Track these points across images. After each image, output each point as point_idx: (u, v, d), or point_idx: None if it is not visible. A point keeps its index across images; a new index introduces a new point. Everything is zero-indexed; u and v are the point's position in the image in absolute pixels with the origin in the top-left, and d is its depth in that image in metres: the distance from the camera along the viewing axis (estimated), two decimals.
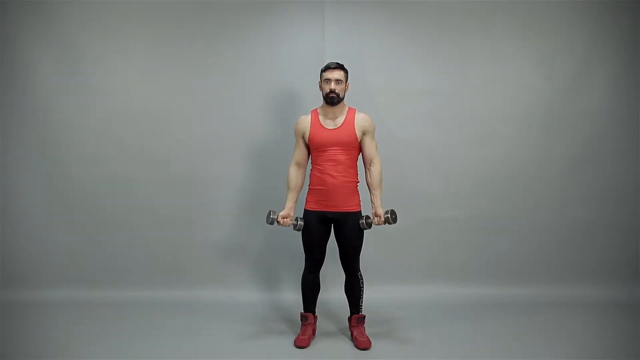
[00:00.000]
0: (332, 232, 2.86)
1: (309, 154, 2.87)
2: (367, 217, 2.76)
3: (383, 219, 2.69)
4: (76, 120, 3.51)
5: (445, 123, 3.58)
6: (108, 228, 3.58)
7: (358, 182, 2.83)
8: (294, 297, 3.36)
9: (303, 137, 2.83)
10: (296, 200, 2.85)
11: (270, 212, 2.76)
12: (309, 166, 2.88)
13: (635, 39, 3.52)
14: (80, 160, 3.54)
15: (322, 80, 2.77)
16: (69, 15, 3.43)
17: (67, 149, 3.53)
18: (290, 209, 2.82)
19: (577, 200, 3.64)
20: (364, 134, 2.78)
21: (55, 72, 3.46)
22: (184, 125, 3.54)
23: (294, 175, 2.87)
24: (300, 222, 2.77)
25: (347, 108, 2.81)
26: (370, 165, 2.81)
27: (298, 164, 2.88)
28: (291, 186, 2.85)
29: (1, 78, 3.46)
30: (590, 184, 3.63)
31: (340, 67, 2.76)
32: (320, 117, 2.80)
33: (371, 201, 2.78)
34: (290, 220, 2.77)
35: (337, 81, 2.72)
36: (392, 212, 2.68)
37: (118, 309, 3.35)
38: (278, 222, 2.75)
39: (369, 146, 2.80)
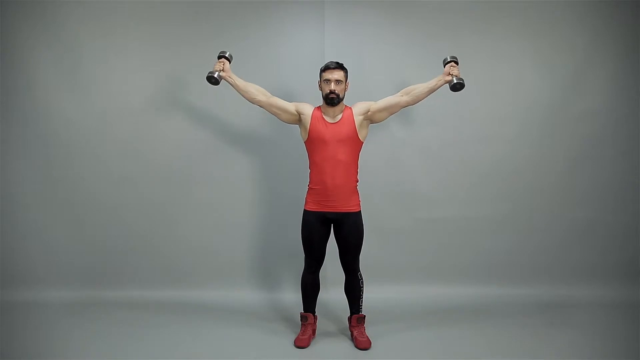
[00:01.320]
0: (332, 232, 2.87)
1: (275, 111, 2.89)
2: (449, 86, 2.81)
3: (449, 67, 2.84)
4: (76, 119, 3.50)
5: (445, 123, 3.58)
6: (108, 228, 3.58)
7: (357, 181, 2.83)
8: (294, 297, 3.36)
9: (298, 114, 2.84)
10: (235, 85, 2.87)
11: (229, 52, 2.90)
12: (307, 165, 2.87)
13: (635, 39, 3.52)
14: (80, 160, 3.54)
15: (322, 80, 2.77)
16: (69, 15, 3.43)
17: (67, 149, 3.53)
18: (230, 75, 2.85)
19: (577, 200, 3.63)
20: (367, 111, 2.80)
21: (55, 71, 3.46)
22: (184, 125, 3.54)
23: (259, 89, 2.89)
24: (217, 77, 2.80)
25: (344, 106, 2.82)
26: (405, 97, 2.86)
27: (267, 96, 2.89)
28: (248, 83, 2.88)
29: (1, 78, 3.46)
30: (590, 184, 3.62)
31: (340, 67, 2.76)
32: (322, 113, 2.80)
33: (436, 88, 2.87)
34: (219, 70, 2.82)
35: (337, 81, 2.72)
36: (445, 59, 2.88)
37: (118, 309, 3.35)
38: (223, 57, 2.87)
39: (385, 101, 2.85)
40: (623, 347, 2.85)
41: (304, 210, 2.84)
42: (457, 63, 2.85)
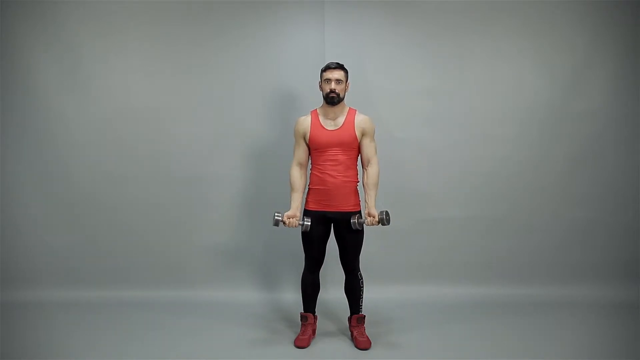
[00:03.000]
0: (332, 232, 2.86)
1: (309, 153, 2.87)
2: (359, 216, 2.75)
3: (377, 219, 2.69)
4: (76, 120, 3.51)
5: (445, 123, 3.58)
6: (108, 228, 3.59)
7: (358, 182, 2.83)
8: (294, 297, 3.36)
9: (304, 138, 2.83)
10: (301, 201, 2.84)
11: (275, 213, 2.72)
12: (309, 166, 2.88)
13: (635, 39, 3.52)
14: (80, 160, 3.54)
15: (322, 80, 2.77)
16: (69, 15, 3.43)
17: (67, 149, 3.53)
18: (296, 209, 2.80)
19: (577, 200, 3.63)
20: (363, 135, 2.78)
21: (55, 72, 3.46)
22: (184, 125, 3.54)
23: (297, 175, 2.86)
24: (307, 222, 2.74)
25: (348, 108, 2.81)
26: (367, 166, 2.81)
27: (300, 165, 2.87)
28: (295, 187, 2.84)
29: (1, 78, 3.46)
30: (590, 184, 3.62)
31: (340, 67, 2.76)
32: (321, 118, 2.80)
33: (365, 201, 2.77)
34: (297, 220, 2.76)
35: (337, 81, 2.72)
36: (387, 213, 2.69)
37: (118, 309, 3.35)
38: (284, 222, 2.73)
39: (367, 147, 2.80)
40: (623, 347, 2.85)
41: (304, 209, 2.84)
42: (383, 225, 2.71)
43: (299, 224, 2.74)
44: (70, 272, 3.59)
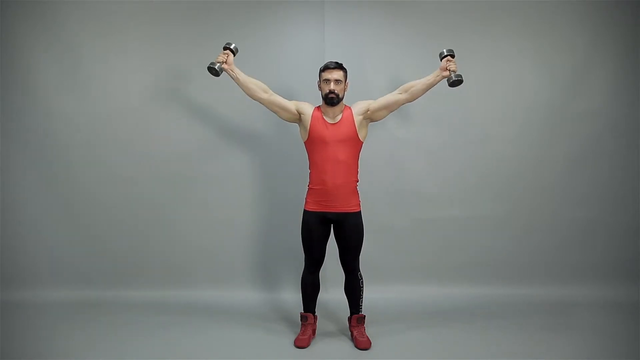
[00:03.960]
0: (332, 232, 2.86)
1: (276, 108, 2.88)
2: (447, 82, 2.74)
3: (446, 61, 2.75)
4: (76, 120, 3.50)
5: (445, 123, 3.57)
6: (108, 228, 3.58)
7: (357, 182, 2.83)
8: (294, 297, 3.36)
9: (298, 113, 2.83)
10: (236, 79, 2.85)
11: (234, 44, 2.87)
12: (307, 165, 2.87)
13: (635, 39, 3.52)
14: (80, 160, 3.54)
15: (321, 80, 2.77)
16: (69, 15, 3.43)
17: (67, 149, 3.53)
18: (233, 69, 2.83)
19: (577, 200, 3.63)
20: (366, 111, 2.79)
21: (55, 72, 3.46)
22: (184, 125, 3.54)
23: (260, 85, 2.88)
24: (218, 69, 2.77)
25: (344, 106, 2.82)
26: (404, 94, 2.82)
27: (269, 93, 2.87)
28: (250, 79, 2.86)
29: (1, 78, 3.46)
30: (590, 184, 3.62)
31: (339, 66, 2.76)
32: (322, 114, 2.80)
33: (434, 83, 2.79)
34: (222, 63, 2.79)
35: (337, 81, 2.72)
36: (441, 52, 2.79)
37: (118, 309, 3.35)
38: (228, 50, 2.84)
39: (385, 99, 2.82)
40: (623, 347, 2.85)
41: (304, 210, 2.84)
42: (453, 56, 2.79)
43: (219, 63, 2.78)
44: (70, 272, 3.59)
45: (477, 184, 3.61)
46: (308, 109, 2.82)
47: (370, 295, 3.12)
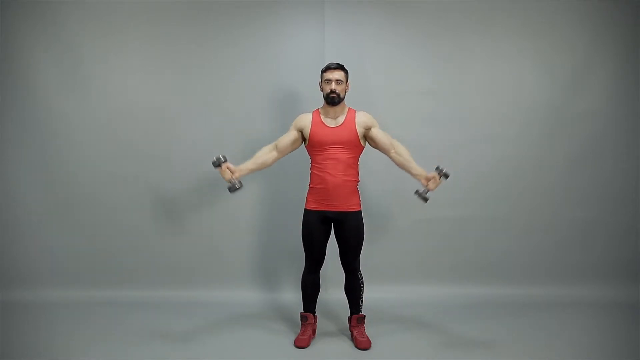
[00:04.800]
0: (332, 231, 2.86)
1: (291, 149, 2.85)
2: (417, 190, 2.71)
3: (437, 176, 2.66)
4: (76, 120, 3.50)
5: (445, 123, 3.58)
6: (108, 228, 3.58)
7: (358, 181, 2.83)
8: (294, 297, 3.36)
9: (300, 131, 2.82)
10: (251, 171, 2.78)
11: (221, 155, 2.68)
12: (309, 165, 2.87)
13: (635, 39, 3.52)
14: (80, 160, 3.54)
15: (323, 80, 2.77)
16: (69, 15, 3.43)
17: (67, 149, 3.53)
18: (241, 170, 2.72)
19: (577, 200, 3.63)
20: (368, 129, 2.78)
21: (55, 72, 3.46)
22: (184, 125, 3.54)
23: (266, 152, 2.82)
24: (238, 186, 2.66)
25: (348, 108, 2.82)
26: (392, 149, 2.79)
27: (276, 148, 2.83)
28: (255, 158, 2.79)
29: (1, 78, 3.46)
30: (590, 184, 3.63)
31: (340, 67, 2.77)
32: (322, 117, 2.80)
33: (414, 175, 2.75)
34: (232, 178, 2.68)
35: (338, 81, 2.73)
36: (439, 168, 2.66)
37: (118, 309, 3.35)
38: (220, 166, 2.67)
39: (381, 136, 2.80)
40: (623, 347, 2.85)
41: (305, 209, 2.84)
42: (446, 178, 2.68)
43: (230, 181, 2.67)
44: (70, 272, 3.59)
45: (477, 184, 3.61)
46: (305, 120, 2.82)
47: (370, 295, 3.12)
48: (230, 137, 3.56)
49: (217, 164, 2.69)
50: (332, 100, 2.73)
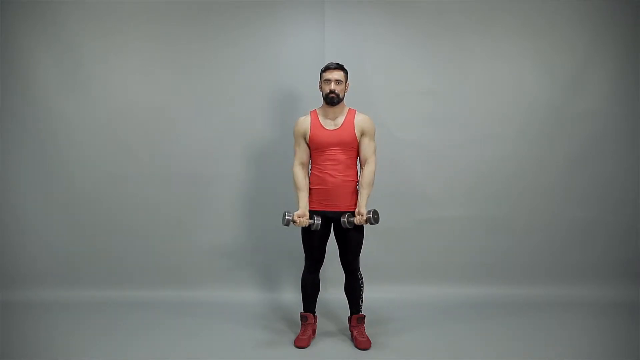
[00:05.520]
0: (332, 231, 2.86)
1: (310, 152, 2.86)
2: (350, 214, 2.74)
3: (365, 218, 2.67)
4: (76, 120, 3.51)
5: (445, 123, 3.58)
6: (108, 228, 3.58)
7: (358, 181, 2.83)
8: (294, 297, 3.36)
9: (304, 138, 2.83)
10: (307, 199, 2.81)
11: (285, 212, 2.70)
12: (309, 165, 2.88)
13: (635, 39, 3.52)
14: (80, 160, 3.54)
15: (322, 80, 2.77)
16: (69, 15, 3.43)
17: (67, 149, 3.53)
18: (305, 207, 2.77)
19: (577, 200, 3.63)
20: (362, 134, 2.78)
21: (55, 72, 3.46)
22: (184, 125, 3.54)
23: (301, 175, 2.84)
24: (318, 221, 2.72)
25: (348, 109, 2.82)
26: (364, 165, 2.80)
27: (302, 164, 2.86)
28: (300, 186, 2.82)
29: (1, 78, 3.46)
30: (590, 184, 3.62)
31: (340, 67, 2.76)
32: (320, 118, 2.80)
33: (357, 200, 2.76)
34: (307, 219, 2.73)
35: (337, 81, 2.72)
36: (375, 212, 2.66)
37: (118, 309, 3.35)
38: (294, 221, 2.70)
39: (366, 146, 2.80)
40: (623, 347, 2.85)
41: (310, 210, 2.84)
42: (371, 223, 2.66)
43: (309, 223, 2.72)
44: (70, 272, 3.59)
45: (477, 184, 3.61)
46: (305, 125, 2.82)
47: (370, 295, 3.12)
48: (230, 137, 3.56)
49: (287, 223, 2.70)
50: (332, 100, 2.73)
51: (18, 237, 3.58)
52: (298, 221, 2.70)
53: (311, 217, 2.74)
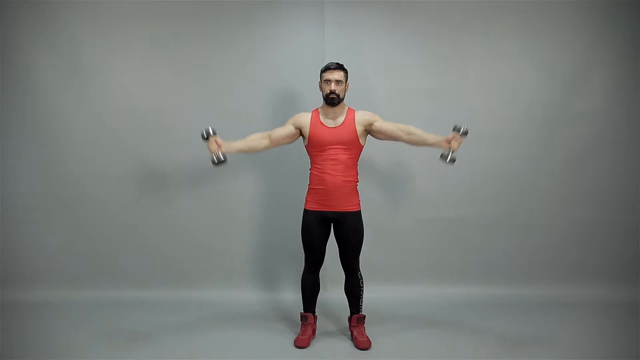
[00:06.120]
0: (332, 232, 2.86)
1: (283, 143, 2.86)
2: (442, 154, 2.71)
3: (458, 134, 2.68)
4: (76, 120, 3.50)
5: (445, 123, 3.56)
6: (108, 228, 3.58)
7: (358, 182, 2.83)
8: (294, 297, 3.36)
9: (298, 130, 2.83)
10: (239, 151, 2.79)
11: (210, 128, 2.69)
12: (308, 165, 2.87)
13: (635, 39, 3.52)
14: (80, 160, 3.54)
15: (322, 80, 2.77)
16: (69, 15, 3.43)
17: (67, 149, 3.53)
18: (229, 146, 2.73)
19: (577, 200, 3.63)
20: (370, 125, 2.79)
21: (55, 72, 3.46)
22: (183, 125, 3.53)
23: (258, 137, 2.83)
24: (222, 159, 2.66)
25: (347, 108, 2.82)
26: (403, 134, 2.80)
27: (269, 137, 2.84)
28: (247, 140, 2.80)
29: (1, 78, 3.46)
30: (590, 184, 3.62)
31: (340, 67, 2.76)
32: (321, 117, 2.80)
33: (433, 145, 2.75)
34: (217, 150, 2.67)
35: (337, 82, 2.72)
36: (457, 126, 2.68)
37: (118, 309, 3.35)
38: (207, 139, 2.67)
39: (388, 126, 2.80)
40: (623, 347, 2.85)
41: (304, 210, 2.84)
42: (465, 135, 2.69)
43: (214, 153, 2.66)
44: (70, 272, 3.59)
45: (477, 184, 3.61)
46: (304, 119, 2.82)
47: (370, 295, 3.12)
48: (230, 138, 3.55)
49: (205, 136, 2.70)
50: (332, 101, 2.72)
51: (18, 237, 3.58)
52: (210, 142, 2.67)
53: (221, 157, 2.67)
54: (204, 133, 2.70)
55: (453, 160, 2.71)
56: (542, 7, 3.49)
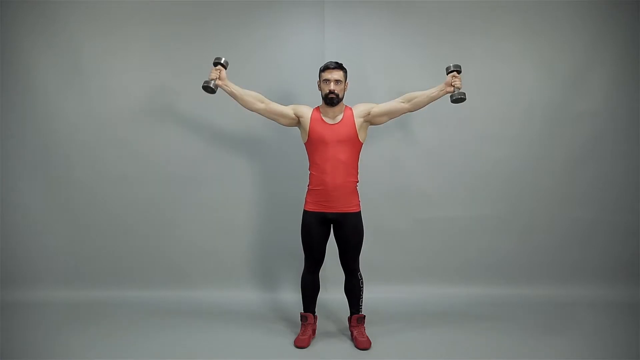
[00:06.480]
0: (332, 232, 2.86)
1: (274, 117, 2.87)
2: (451, 97, 2.75)
3: (453, 75, 2.75)
4: (76, 120, 3.50)
5: (444, 123, 3.57)
6: (108, 228, 3.58)
7: (357, 182, 2.83)
8: (294, 297, 3.36)
9: (297, 118, 2.83)
10: (232, 93, 2.85)
11: (224, 59, 2.81)
12: (307, 165, 2.87)
13: (635, 39, 3.52)
14: (80, 160, 3.54)
15: (321, 80, 2.77)
16: (69, 15, 3.43)
17: (67, 149, 3.53)
18: (227, 84, 2.82)
19: (577, 200, 3.63)
20: (368, 114, 2.79)
21: (55, 72, 3.46)
22: (183, 125, 3.54)
23: (255, 97, 2.86)
24: (213, 86, 2.75)
25: (345, 106, 2.82)
26: (406, 105, 2.82)
27: (266, 104, 2.86)
28: (245, 91, 2.86)
29: (1, 78, 3.46)
30: (590, 184, 3.62)
31: (339, 66, 2.76)
32: (322, 115, 2.80)
33: (438, 95, 2.81)
34: (214, 79, 2.77)
35: (337, 81, 2.72)
36: (448, 67, 2.76)
37: (118, 309, 3.35)
38: (217, 65, 2.79)
39: (386, 105, 2.83)
40: (623, 347, 2.85)
41: (304, 210, 2.84)
42: (459, 72, 2.78)
43: (212, 80, 2.75)
44: (70, 272, 3.59)
45: (477, 184, 3.61)
46: (306, 111, 2.82)
47: (370, 295, 3.12)
48: (230, 138, 3.56)
49: (218, 62, 2.79)
50: (331, 100, 2.72)
51: (18, 237, 3.58)
52: (217, 68, 2.80)
53: (212, 86, 2.75)
54: (218, 59, 2.80)
55: (463, 97, 2.73)
56: (542, 7, 3.49)
